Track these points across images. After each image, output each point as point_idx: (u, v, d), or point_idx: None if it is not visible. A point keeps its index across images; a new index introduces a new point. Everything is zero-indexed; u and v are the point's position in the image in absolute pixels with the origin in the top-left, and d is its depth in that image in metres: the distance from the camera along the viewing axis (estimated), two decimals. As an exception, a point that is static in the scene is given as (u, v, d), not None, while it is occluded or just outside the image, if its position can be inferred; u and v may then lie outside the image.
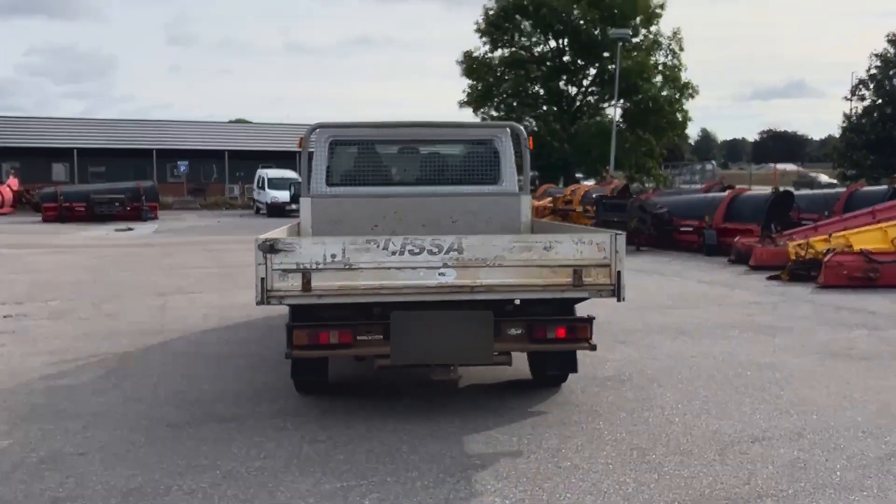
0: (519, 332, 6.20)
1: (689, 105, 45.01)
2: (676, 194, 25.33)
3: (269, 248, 5.90)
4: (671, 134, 45.74)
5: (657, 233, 19.86)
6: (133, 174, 46.20)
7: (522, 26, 43.27)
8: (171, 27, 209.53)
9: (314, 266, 5.80)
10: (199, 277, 14.47)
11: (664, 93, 43.01)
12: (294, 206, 36.71)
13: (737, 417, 6.08)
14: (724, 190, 22.20)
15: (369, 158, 8.82)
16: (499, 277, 5.92)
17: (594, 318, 6.57)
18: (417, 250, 5.88)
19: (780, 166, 72.31)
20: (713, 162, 74.35)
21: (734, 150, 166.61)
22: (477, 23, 43.61)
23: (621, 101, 43.68)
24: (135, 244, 22.74)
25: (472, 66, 43.44)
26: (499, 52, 44.17)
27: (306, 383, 6.76)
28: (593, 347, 6.44)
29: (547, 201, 27.35)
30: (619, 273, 6.21)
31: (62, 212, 33.28)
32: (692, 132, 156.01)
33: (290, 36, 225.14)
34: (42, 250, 20.50)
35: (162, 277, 14.52)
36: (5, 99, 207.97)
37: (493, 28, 42.97)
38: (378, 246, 5.86)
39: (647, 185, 42.86)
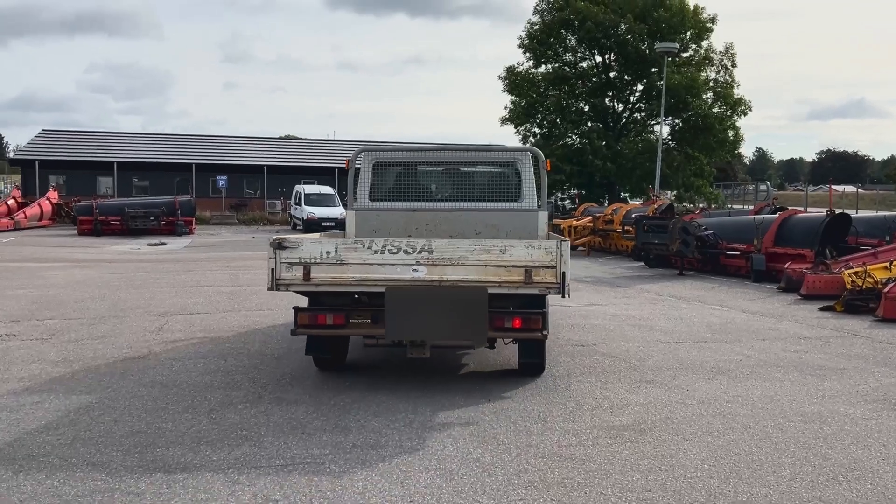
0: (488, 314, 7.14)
1: (741, 123, 43.63)
2: (724, 215, 24.15)
3: (278, 245, 7.34)
4: (722, 152, 44.18)
5: (701, 256, 18.75)
6: (176, 188, 46.44)
7: (567, 41, 42.34)
8: (226, 45, 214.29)
9: (313, 260, 7.22)
10: (208, 297, 13.87)
11: (715, 110, 41.58)
12: (329, 223, 36.46)
13: (773, 484, 5.13)
14: (775, 211, 21.00)
15: (407, 178, 10.07)
16: (462, 274, 7.11)
17: (546, 311, 7.54)
18: (395, 250, 7.16)
19: (839, 187, 69.99)
20: (767, 182, 72.14)
21: (791, 171, 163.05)
22: (520, 37, 42.89)
23: (669, 118, 42.46)
24: (160, 259, 22.38)
25: (514, 81, 42.55)
26: (542, 68, 43.31)
27: (321, 360, 8.20)
28: (544, 337, 7.52)
29: (586, 220, 26.39)
30: (563, 274, 7.13)
31: (97, 225, 33.34)
32: (746, 151, 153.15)
33: (342, 54, 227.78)
34: (64, 264, 20.23)
35: (171, 296, 13.97)
36: (66, 114, 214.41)
37: (537, 43, 42.08)
38: (363, 246, 7.23)
39: (697, 204, 41.47)
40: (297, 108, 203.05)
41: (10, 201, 38.80)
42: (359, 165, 10.08)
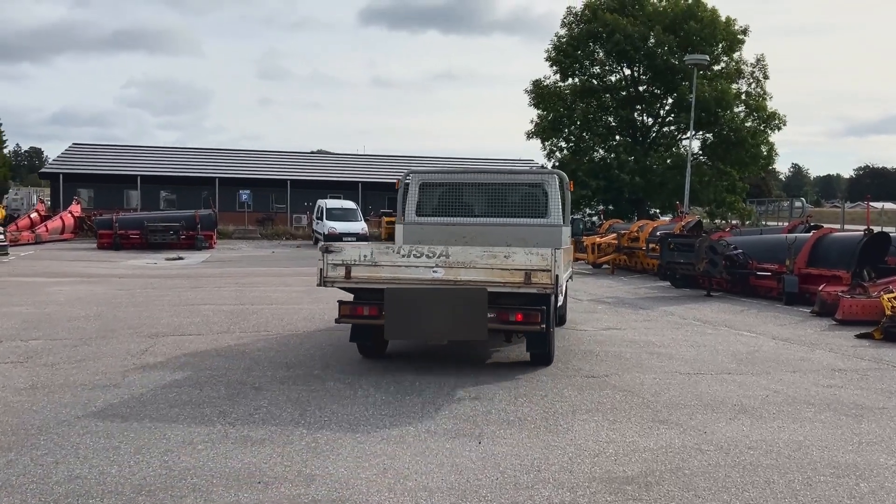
0: (493, 315, 8.57)
1: (775, 137, 42.42)
2: (756, 233, 23.13)
3: (326, 249, 8.99)
4: (755, 168, 42.99)
5: (730, 277, 17.82)
6: (203, 202, 46.26)
7: (595, 54, 41.48)
8: (262, 62, 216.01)
9: (353, 262, 8.79)
10: (206, 316, 13.28)
11: (747, 123, 40.45)
12: (350, 238, 35.95)
13: (799, 561, 4.31)
14: (809, 230, 19.98)
15: (448, 197, 11.72)
16: (473, 275, 8.50)
17: (545, 308, 8.67)
18: (419, 255, 8.66)
19: (877, 204, 68.07)
20: (803, 199, 70.45)
21: (828, 187, 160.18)
22: (547, 51, 42.13)
23: (700, 132, 41.41)
24: (172, 275, 21.91)
25: (541, 94, 41.73)
26: (569, 81, 42.43)
27: (364, 348, 9.66)
28: (542, 329, 8.69)
29: (611, 238, 25.50)
30: (556, 276, 8.41)
31: (116, 239, 33.10)
32: (781, 167, 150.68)
33: (376, 70, 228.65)
34: (72, 280, 19.82)
35: (168, 315, 13.40)
36: (106, 129, 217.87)
37: (564, 56, 41.28)
38: (393, 251, 8.81)
39: (729, 221, 40.31)
40: (331, 124, 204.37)
41: (34, 214, 38.78)
42: (409, 182, 11.79)
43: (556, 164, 43.13)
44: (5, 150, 78.65)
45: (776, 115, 40.65)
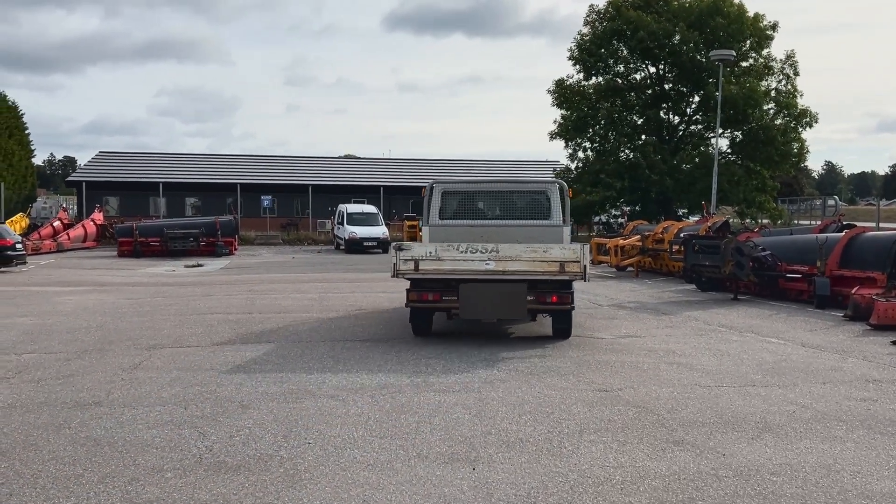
0: (532, 298, 10.83)
1: (807, 135, 41.31)
2: (786, 233, 22.29)
3: (398, 247, 11.00)
4: (786, 166, 41.82)
5: (758, 279, 17.07)
6: (228, 209, 46.17)
7: (619, 52, 40.61)
8: (289, 69, 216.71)
9: (420, 257, 10.80)
10: (210, 326, 12.88)
11: (777, 121, 39.36)
12: (371, 243, 35.61)
13: None
14: (842, 229, 19.13)
15: (466, 202, 13.69)
16: (518, 266, 10.70)
17: (573, 291, 11.14)
18: (474, 251, 10.77)
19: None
20: (836, 197, 68.77)
21: (863, 185, 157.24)
22: (570, 49, 41.32)
23: (728, 130, 40.41)
24: (186, 283, 21.62)
25: (564, 94, 40.91)
26: (593, 80, 41.60)
27: (418, 327, 11.80)
28: (571, 308, 11.19)
29: (635, 240, 24.79)
30: (585, 266, 10.70)
31: (137, 247, 32.99)
32: (814, 165, 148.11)
33: (402, 76, 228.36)
34: (85, 289, 19.59)
35: (172, 325, 13.02)
36: (137, 138, 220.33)
37: (587, 55, 40.47)
38: (454, 248, 10.82)
39: (759, 221, 39.26)
40: (357, 129, 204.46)
41: (56, 223, 38.88)
42: (432, 190, 13.41)
43: (580, 165, 42.39)
44: (38, 160, 79.59)
45: (807, 112, 39.49)
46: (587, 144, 41.78)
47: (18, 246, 25.86)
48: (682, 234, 21.56)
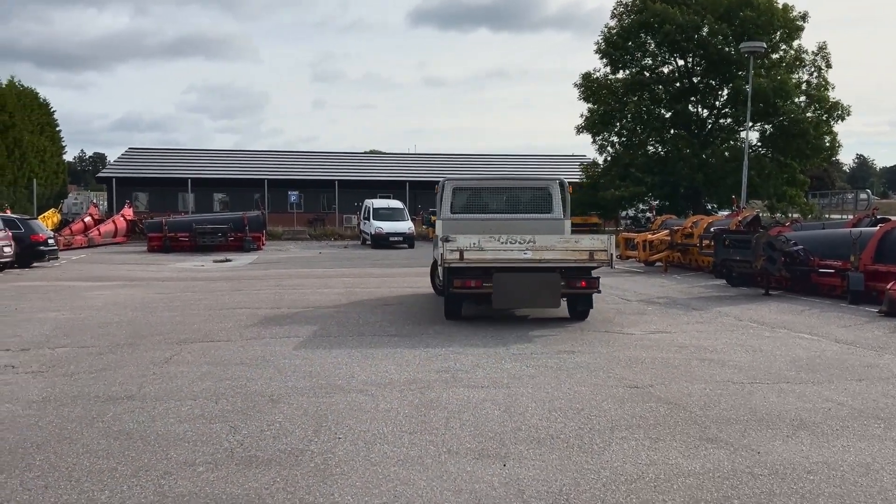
0: (563, 283, 12.05)
1: (839, 128, 40.60)
2: (818, 228, 21.97)
3: (445, 239, 11.96)
4: (817, 159, 41.26)
5: (790, 274, 16.84)
6: (255, 204, 46.48)
7: (647, 45, 40.21)
8: (316, 65, 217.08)
9: (465, 248, 11.87)
10: (239, 321, 12.96)
11: (808, 114, 38.77)
12: (396, 238, 35.65)
13: None
14: (876, 223, 18.81)
15: (475, 197, 15.02)
16: (552, 255, 11.96)
17: (599, 277, 12.51)
18: (513, 241, 11.93)
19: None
20: (868, 191, 67.72)
21: (895, 178, 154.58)
22: (597, 43, 41.04)
23: (759, 123, 39.89)
24: (215, 278, 21.78)
25: (590, 88, 40.62)
26: (620, 74, 41.24)
27: (452, 312, 12.90)
28: (599, 291, 12.56)
29: (663, 234, 24.59)
30: (611, 255, 12.06)
31: (166, 242, 33.33)
32: (845, 158, 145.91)
33: (427, 71, 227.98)
34: (115, 284, 19.81)
35: (201, 320, 13.12)
36: (167, 134, 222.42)
37: (614, 48, 40.14)
38: (496, 239, 11.96)
39: (790, 215, 38.74)
40: (383, 124, 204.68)
41: (87, 218, 39.36)
42: (444, 187, 14.86)
43: (608, 158, 42.09)
44: (69, 157, 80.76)
45: (839, 105, 38.88)
46: (615, 139, 41.46)
47: (50, 241, 26.20)
48: (711, 229, 21.35)
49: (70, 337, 11.55)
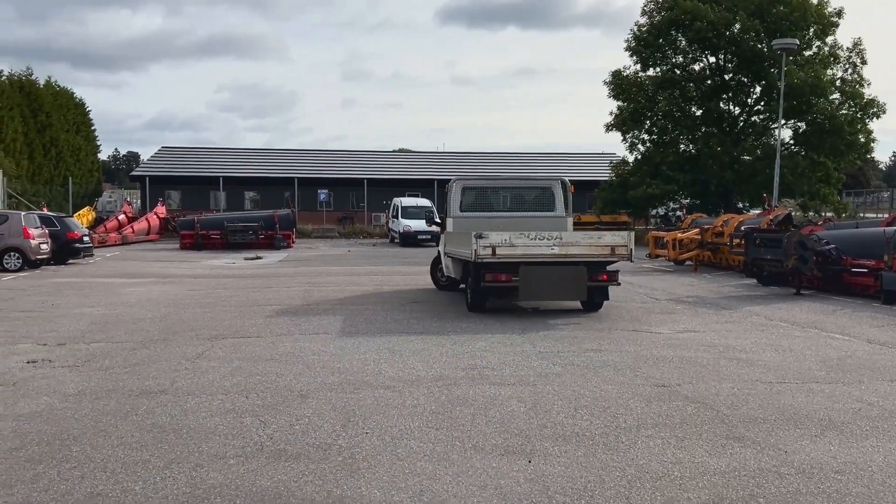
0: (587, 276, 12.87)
1: (874, 125, 39.93)
2: (852, 226, 21.68)
3: (479, 235, 12.42)
4: (852, 157, 40.59)
5: (822, 274, 16.67)
6: (285, 202, 46.90)
7: (677, 42, 39.83)
8: (345, 64, 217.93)
9: (497, 244, 12.45)
10: (269, 317, 13.13)
11: (843, 111, 38.19)
12: (424, 237, 35.73)
13: None
14: (911, 222, 18.54)
15: (482, 196, 16.04)
16: (577, 250, 12.79)
17: (618, 271, 13.51)
18: (542, 238, 12.64)
19: None
20: (904, 189, 66.56)
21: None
22: (627, 40, 40.73)
23: (792, 120, 39.37)
24: (246, 275, 22.05)
25: (620, 86, 40.33)
26: (651, 71, 40.89)
27: (478, 305, 13.55)
28: (618, 283, 13.56)
29: (693, 233, 24.41)
30: (630, 250, 12.88)
31: (198, 240, 33.76)
32: (881, 156, 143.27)
33: (455, 69, 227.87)
34: (148, 280, 20.13)
35: (232, 316, 13.31)
36: (199, 133, 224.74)
37: (644, 46, 39.79)
38: (526, 236, 12.64)
39: (823, 214, 38.20)
40: (412, 123, 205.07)
41: (121, 216, 39.97)
42: (453, 186, 15.75)
43: (638, 157, 41.82)
44: (103, 155, 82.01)
45: (875, 101, 38.24)
46: (645, 136, 41.15)
47: (86, 239, 26.69)
48: (742, 228, 21.17)
49: (105, 332, 11.78)
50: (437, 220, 18.47)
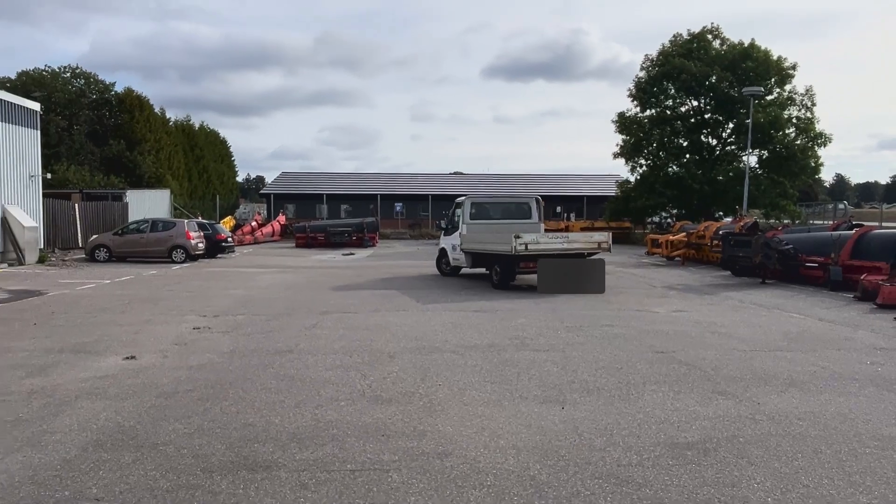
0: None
1: (822, 152, 38.41)
2: (805, 231, 20.92)
3: (516, 235, 13.68)
4: (804, 178, 39.11)
5: (783, 268, 16.17)
6: (371, 213, 47.33)
7: (668, 90, 38.98)
8: (415, 108, 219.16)
9: (529, 242, 13.76)
10: (363, 298, 13.31)
11: (798, 142, 36.84)
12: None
13: (846, 532, 3.56)
14: (852, 228, 17.85)
15: (486, 209, 17.22)
16: (578, 245, 14.38)
17: (604, 259, 14.51)
18: (556, 238, 14.38)
19: (914, 205, 60.69)
20: (845, 202, 63.80)
21: (867, 192, 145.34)
22: (629, 89, 40.04)
23: (757, 150, 38.16)
24: (344, 266, 22.33)
25: (624, 123, 39.68)
26: (647, 112, 40.09)
27: (504, 283, 14.56)
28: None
29: (682, 236, 23.89)
30: (609, 245, 14.42)
31: (308, 240, 34.23)
32: (826, 176, 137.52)
33: (498, 112, 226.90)
34: (273, 270, 20.54)
35: (335, 297, 13.53)
36: (308, 161, 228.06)
37: (642, 93, 39.05)
38: (547, 237, 14.42)
39: (782, 221, 36.94)
40: (464, 152, 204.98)
41: (253, 223, 40.80)
42: (464, 202, 16.93)
43: (638, 177, 41.05)
44: (239, 178, 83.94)
45: (822, 134, 36.84)
46: (643, 162, 40.39)
47: (229, 240, 27.35)
48: (720, 232, 20.66)
49: (246, 307, 12.08)
50: (443, 226, 18.29)
